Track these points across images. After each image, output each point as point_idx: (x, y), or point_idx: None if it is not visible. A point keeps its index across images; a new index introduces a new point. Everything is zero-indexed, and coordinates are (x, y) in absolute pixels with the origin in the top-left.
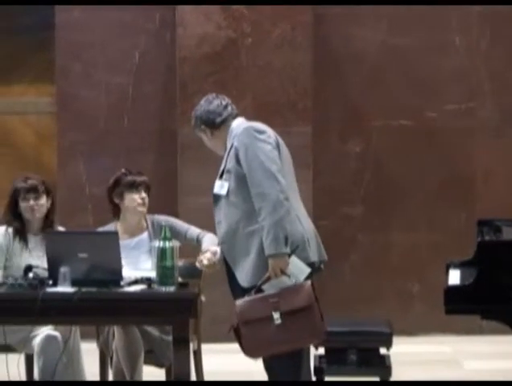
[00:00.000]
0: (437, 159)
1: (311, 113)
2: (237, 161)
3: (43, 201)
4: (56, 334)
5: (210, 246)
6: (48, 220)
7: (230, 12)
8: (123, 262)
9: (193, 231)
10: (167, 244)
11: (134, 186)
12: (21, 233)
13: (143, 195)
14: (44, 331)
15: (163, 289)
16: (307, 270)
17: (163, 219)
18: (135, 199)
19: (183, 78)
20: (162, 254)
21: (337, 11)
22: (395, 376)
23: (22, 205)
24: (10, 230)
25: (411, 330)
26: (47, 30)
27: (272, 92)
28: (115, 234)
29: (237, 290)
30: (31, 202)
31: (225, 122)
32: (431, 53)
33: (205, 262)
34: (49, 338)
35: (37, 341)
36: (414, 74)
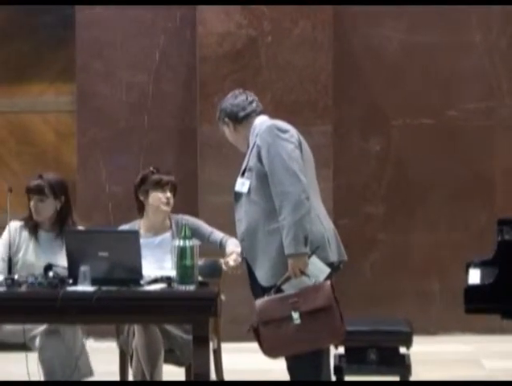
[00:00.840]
0: (457, 158)
1: (331, 112)
2: (259, 159)
3: (49, 203)
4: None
5: (235, 248)
6: (60, 221)
7: (250, 10)
8: (146, 260)
9: (217, 234)
10: (187, 242)
11: (159, 185)
12: (32, 230)
13: (168, 194)
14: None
15: (183, 288)
16: (327, 270)
17: (187, 219)
18: (160, 198)
19: (204, 77)
20: (182, 253)
21: (357, 10)
22: (415, 376)
23: (30, 204)
24: (22, 226)
25: (432, 330)
26: (67, 29)
27: (292, 90)
28: (136, 233)
29: (257, 289)
30: (35, 202)
31: (248, 117)
32: (452, 52)
33: (231, 263)
34: (49, 333)
35: (37, 336)
36: (435, 72)
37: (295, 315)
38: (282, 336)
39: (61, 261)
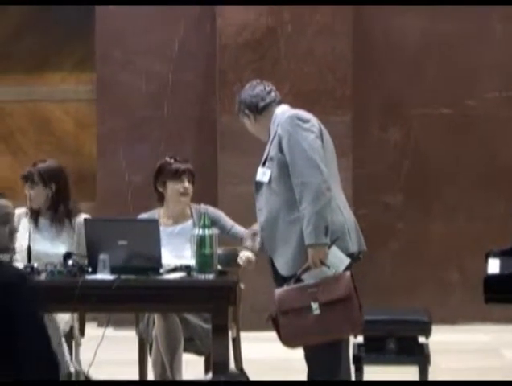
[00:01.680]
0: (477, 148)
1: (350, 102)
2: (280, 149)
3: (38, 190)
4: None
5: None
6: (53, 208)
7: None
8: (165, 249)
9: (238, 228)
10: (207, 231)
11: (176, 175)
12: (32, 217)
13: (186, 184)
14: None
15: (202, 276)
16: (347, 261)
17: (208, 209)
18: (177, 189)
19: (223, 66)
20: (201, 242)
21: None
22: (434, 365)
23: None
24: (24, 213)
25: (451, 319)
26: (87, 18)
27: (311, 80)
28: (155, 222)
29: (279, 278)
30: (27, 190)
31: (268, 107)
32: (471, 41)
33: (244, 264)
34: None
35: None
36: (454, 62)
37: (315, 305)
38: (301, 326)
39: (55, 249)
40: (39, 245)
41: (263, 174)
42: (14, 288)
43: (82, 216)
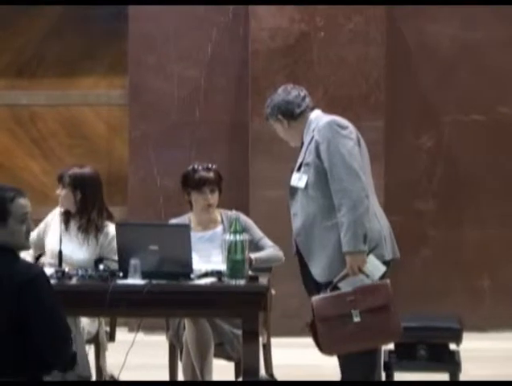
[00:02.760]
0: (509, 154)
1: (383, 107)
2: (318, 155)
3: (66, 194)
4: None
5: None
6: (79, 215)
7: (303, 5)
8: (195, 254)
9: (266, 242)
10: (238, 237)
11: (199, 187)
12: (64, 219)
13: (208, 196)
14: None
15: (233, 282)
16: (383, 268)
17: (240, 216)
18: (200, 202)
19: (256, 71)
20: (232, 247)
21: (410, 5)
22: (465, 373)
23: None
24: (60, 213)
25: (482, 326)
26: (120, 21)
27: (344, 85)
28: (186, 227)
29: (311, 284)
30: (58, 191)
31: (303, 114)
32: (504, 48)
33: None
34: None
35: None
36: (487, 68)
37: (355, 313)
38: (340, 334)
39: (79, 254)
40: (65, 248)
41: (299, 179)
42: (33, 280)
43: (110, 228)
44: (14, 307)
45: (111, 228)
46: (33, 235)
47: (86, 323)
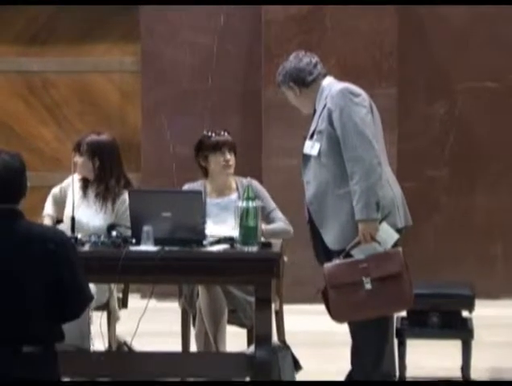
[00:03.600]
0: None
1: (395, 75)
2: (330, 122)
3: (84, 161)
4: None
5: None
6: (97, 182)
7: None
8: (210, 220)
9: (277, 214)
10: (250, 203)
11: (217, 148)
12: (82, 186)
13: (227, 156)
14: None
15: (246, 248)
16: (396, 236)
17: (253, 183)
18: (219, 162)
19: (268, 39)
20: (245, 214)
21: None
22: (477, 339)
23: None
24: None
25: (494, 293)
26: None
27: (357, 54)
28: (199, 193)
29: (321, 252)
30: (76, 158)
31: (315, 81)
32: None
33: None
34: None
35: None
36: (500, 36)
37: (366, 280)
38: (351, 301)
39: (96, 221)
40: (83, 215)
41: (311, 147)
42: (62, 237)
43: (125, 195)
44: (51, 270)
45: (127, 195)
46: (50, 209)
47: (95, 291)
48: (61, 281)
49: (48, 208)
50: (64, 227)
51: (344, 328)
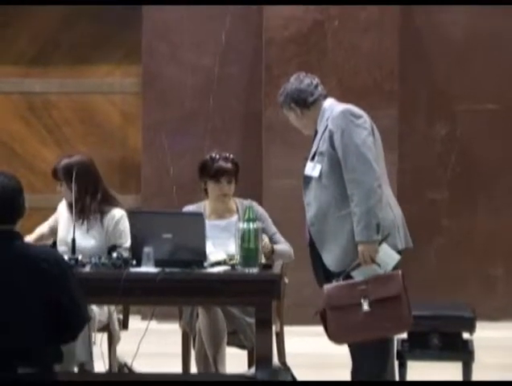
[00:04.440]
0: None
1: (397, 96)
2: (332, 144)
3: (64, 187)
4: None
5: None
6: (81, 204)
7: None
8: (210, 243)
9: (279, 238)
10: (251, 225)
11: (216, 177)
12: (69, 210)
13: (225, 186)
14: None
15: (246, 270)
16: (397, 258)
17: (254, 205)
18: (216, 191)
19: (269, 60)
20: (245, 235)
21: None
22: (478, 361)
23: None
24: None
25: (495, 315)
26: (134, 10)
27: (358, 74)
28: (200, 215)
29: (321, 274)
30: (58, 186)
31: (316, 102)
32: None
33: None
34: None
35: None
36: (500, 57)
37: (365, 302)
38: (349, 322)
39: (86, 242)
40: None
41: (313, 168)
42: (58, 258)
43: (114, 211)
44: (46, 291)
45: (116, 212)
46: (44, 227)
47: (97, 312)
48: (57, 303)
49: (41, 228)
50: (60, 248)
51: (344, 350)
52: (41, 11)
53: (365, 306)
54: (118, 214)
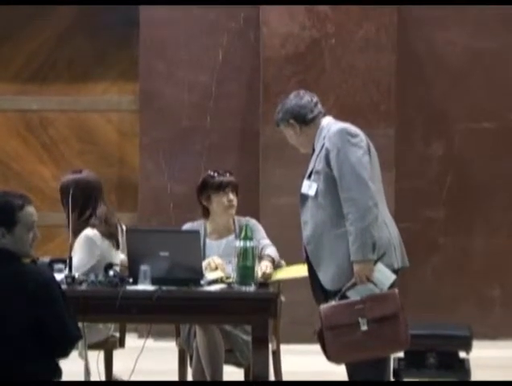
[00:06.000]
0: None
1: (394, 115)
2: (328, 163)
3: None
4: None
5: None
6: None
7: (314, 12)
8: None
9: (262, 242)
10: (248, 243)
11: (220, 189)
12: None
13: (231, 197)
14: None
15: (243, 288)
16: (393, 277)
17: (250, 221)
18: (223, 202)
19: (267, 78)
20: (242, 253)
21: (421, 14)
22: (474, 380)
23: None
24: None
25: (491, 335)
26: (131, 28)
27: (355, 93)
28: (197, 233)
29: (319, 292)
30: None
31: (315, 119)
32: None
33: (268, 271)
34: None
35: None
36: (498, 77)
37: (362, 321)
38: (347, 342)
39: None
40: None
41: (309, 187)
42: (47, 279)
43: (86, 231)
44: (31, 310)
45: (85, 232)
46: None
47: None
48: (43, 322)
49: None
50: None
51: (341, 368)
52: (37, 29)
53: (363, 326)
54: (85, 234)
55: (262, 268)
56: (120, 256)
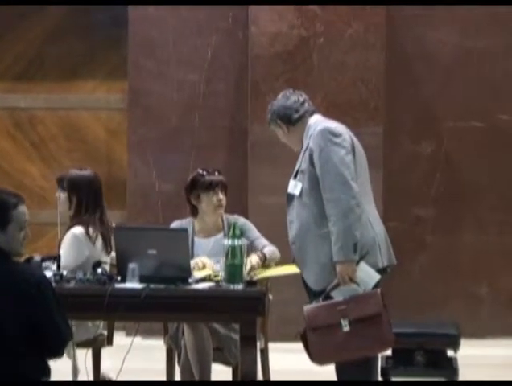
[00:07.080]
0: (508, 161)
1: (382, 113)
2: (311, 162)
3: (62, 195)
4: None
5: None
6: (73, 218)
7: (303, 11)
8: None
9: (261, 241)
10: (236, 241)
11: (210, 188)
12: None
13: (220, 196)
14: None
15: (231, 286)
16: (377, 277)
17: (239, 219)
18: (212, 202)
19: (255, 76)
20: (230, 252)
21: (410, 12)
22: (462, 379)
23: None
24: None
25: (480, 333)
26: (120, 27)
27: (344, 91)
28: (185, 231)
29: (310, 291)
30: (57, 193)
31: (302, 119)
32: (504, 55)
33: (253, 262)
34: None
35: None
36: (487, 76)
37: (344, 322)
38: (330, 343)
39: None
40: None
41: (294, 186)
42: (38, 279)
43: (74, 229)
44: (22, 310)
45: (74, 229)
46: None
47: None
48: (35, 322)
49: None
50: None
51: (329, 367)
52: (26, 28)
53: (345, 326)
54: (69, 233)
55: (252, 261)
56: (112, 255)
